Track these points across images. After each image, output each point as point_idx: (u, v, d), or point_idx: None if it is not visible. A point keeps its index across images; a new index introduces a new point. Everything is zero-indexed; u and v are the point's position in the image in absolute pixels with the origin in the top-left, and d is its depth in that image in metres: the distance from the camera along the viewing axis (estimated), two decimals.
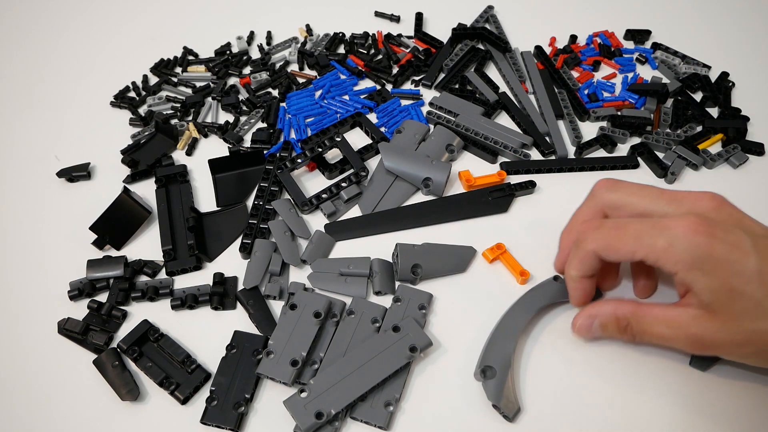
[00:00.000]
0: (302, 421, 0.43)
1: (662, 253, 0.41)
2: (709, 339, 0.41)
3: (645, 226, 0.42)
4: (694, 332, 0.42)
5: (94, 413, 0.47)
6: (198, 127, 0.67)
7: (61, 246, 0.58)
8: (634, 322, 0.44)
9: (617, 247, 0.43)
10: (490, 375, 0.45)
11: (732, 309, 0.40)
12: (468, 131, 0.64)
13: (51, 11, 0.85)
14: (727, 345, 0.41)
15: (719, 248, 0.40)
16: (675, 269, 0.41)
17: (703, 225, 0.41)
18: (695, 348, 0.43)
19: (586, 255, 0.45)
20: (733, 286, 0.40)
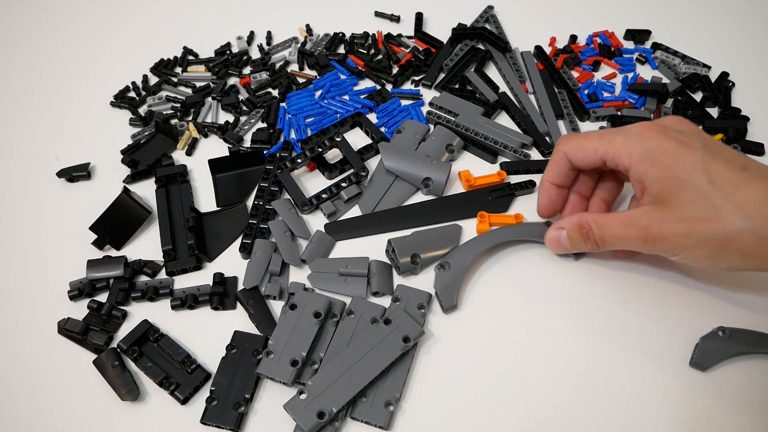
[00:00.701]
0: (304, 422, 0.43)
1: (619, 148, 0.46)
2: (656, 230, 0.43)
3: (609, 130, 0.48)
4: (644, 224, 0.44)
5: (94, 413, 0.47)
6: (198, 127, 0.67)
7: (61, 246, 0.58)
8: (595, 227, 0.47)
9: (583, 145, 0.48)
10: (446, 269, 0.52)
11: (677, 198, 0.43)
12: (468, 131, 0.64)
13: (51, 11, 0.85)
14: (672, 236, 0.43)
15: (669, 143, 0.44)
16: (629, 162, 0.45)
17: (658, 126, 0.45)
18: (646, 243, 0.44)
19: (557, 156, 0.50)
20: (678, 175, 0.43)
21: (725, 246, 0.42)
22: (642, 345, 0.49)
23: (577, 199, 0.54)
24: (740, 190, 0.41)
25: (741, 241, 0.41)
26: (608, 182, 0.53)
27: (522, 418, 0.46)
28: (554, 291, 0.52)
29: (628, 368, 0.48)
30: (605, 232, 0.47)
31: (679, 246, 0.43)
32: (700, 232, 0.42)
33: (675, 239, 0.43)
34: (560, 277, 0.53)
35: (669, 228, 0.43)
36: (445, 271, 0.52)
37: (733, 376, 0.47)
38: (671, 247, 0.44)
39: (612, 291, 0.52)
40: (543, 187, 0.53)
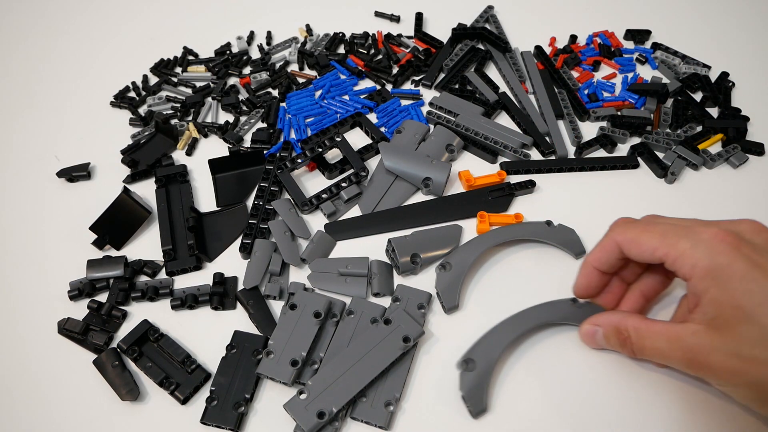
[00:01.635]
0: (304, 422, 0.43)
1: (682, 254, 0.40)
2: (704, 357, 0.38)
3: (674, 228, 0.41)
4: (690, 346, 0.39)
5: (94, 413, 0.47)
6: (198, 127, 0.67)
7: (61, 246, 0.58)
8: (634, 335, 0.43)
9: (641, 241, 0.42)
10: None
11: (736, 330, 0.37)
12: (468, 131, 0.64)
13: (51, 11, 0.85)
14: (721, 369, 0.38)
15: (741, 263, 0.38)
16: (690, 273, 0.39)
17: (732, 237, 0.39)
18: (689, 365, 0.40)
19: (608, 243, 0.45)
20: (742, 304, 0.37)
21: None
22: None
23: (617, 284, 0.49)
24: None
25: None
26: (656, 275, 0.48)
27: (521, 417, 0.46)
28: (555, 290, 0.52)
29: (632, 368, 0.48)
30: (646, 344, 0.42)
31: (725, 381, 0.39)
32: (754, 374, 0.37)
33: (723, 373, 0.38)
34: (562, 277, 0.53)
35: (719, 359, 0.38)
36: (447, 271, 0.52)
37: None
38: (717, 379, 0.39)
39: None
40: (585, 269, 0.47)
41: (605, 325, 0.45)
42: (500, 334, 0.47)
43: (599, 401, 0.46)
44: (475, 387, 0.45)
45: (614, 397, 0.46)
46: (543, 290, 0.52)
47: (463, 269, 0.52)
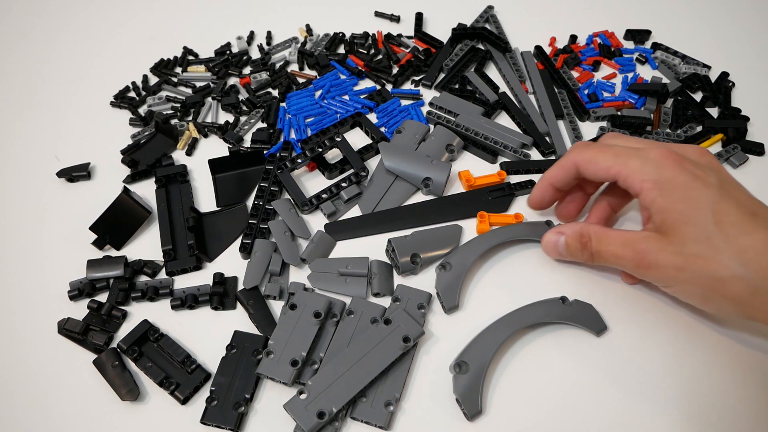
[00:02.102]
0: (304, 422, 0.43)
1: (632, 171, 0.45)
2: (653, 257, 0.43)
3: (626, 149, 0.46)
4: (641, 248, 0.44)
5: (94, 413, 0.47)
6: (198, 127, 0.67)
7: (61, 246, 0.58)
8: (594, 239, 0.47)
9: (596, 160, 0.47)
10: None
11: (680, 231, 0.42)
12: (468, 131, 0.64)
13: (51, 11, 0.85)
14: (667, 266, 0.43)
15: (684, 176, 0.43)
16: (640, 188, 0.44)
17: (677, 156, 0.44)
18: (639, 267, 0.44)
19: (567, 163, 0.49)
20: (685, 210, 0.42)
21: (717, 289, 0.41)
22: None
23: (579, 195, 0.54)
24: (743, 236, 0.41)
25: (733, 287, 0.41)
26: (620, 191, 0.52)
27: (517, 417, 0.46)
28: (555, 291, 0.52)
29: (631, 357, 0.48)
30: (602, 247, 0.47)
31: (671, 278, 0.43)
32: (695, 269, 0.42)
33: (669, 270, 0.43)
34: (561, 277, 0.53)
35: (665, 258, 0.43)
36: (447, 271, 0.52)
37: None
38: (664, 278, 0.44)
39: (614, 294, 0.52)
40: (541, 184, 0.53)
41: (569, 233, 0.49)
42: (491, 336, 0.48)
43: (593, 399, 0.46)
44: (469, 389, 0.45)
45: (608, 394, 0.47)
46: (544, 290, 0.52)
47: (463, 269, 0.52)
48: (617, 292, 0.52)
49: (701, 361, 0.48)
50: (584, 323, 0.49)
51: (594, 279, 0.53)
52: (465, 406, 0.45)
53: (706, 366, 0.48)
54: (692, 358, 0.48)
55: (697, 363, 0.48)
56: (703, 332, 0.50)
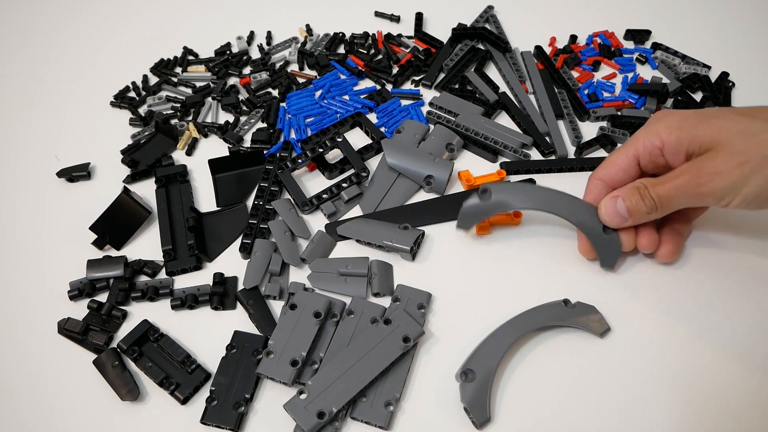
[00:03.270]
0: (304, 422, 0.43)
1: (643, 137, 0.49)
2: (709, 168, 0.44)
3: None
4: (695, 168, 0.45)
5: (94, 413, 0.47)
6: (198, 127, 0.67)
7: (61, 246, 0.58)
8: (650, 185, 0.47)
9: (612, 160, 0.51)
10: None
11: (721, 139, 0.44)
12: (468, 131, 0.64)
13: (51, 11, 0.85)
14: (727, 169, 0.43)
15: (687, 112, 0.48)
16: (660, 141, 0.47)
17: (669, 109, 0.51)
18: (700, 184, 0.44)
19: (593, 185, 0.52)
20: (711, 123, 0.45)
21: None
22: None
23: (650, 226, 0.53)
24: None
25: None
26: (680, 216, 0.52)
27: (526, 423, 0.46)
28: (557, 294, 0.52)
29: (636, 358, 0.48)
30: (660, 188, 0.47)
31: (737, 179, 0.43)
32: (756, 154, 0.42)
33: (731, 174, 0.43)
34: (563, 280, 0.53)
35: (722, 163, 0.43)
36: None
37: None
38: (729, 184, 0.43)
39: (616, 295, 0.52)
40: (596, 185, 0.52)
41: (624, 192, 0.49)
42: (496, 342, 0.47)
43: (601, 402, 0.46)
44: (477, 397, 0.45)
45: (615, 396, 0.47)
46: (546, 293, 0.52)
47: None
48: (619, 294, 0.52)
49: (705, 361, 0.48)
50: (588, 325, 0.49)
51: (596, 280, 0.53)
52: (474, 415, 0.45)
53: (710, 365, 0.48)
54: (696, 358, 0.48)
55: (701, 362, 0.48)
56: (706, 332, 0.50)
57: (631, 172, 0.50)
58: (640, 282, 0.53)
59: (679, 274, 0.53)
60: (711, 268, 0.54)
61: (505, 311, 0.50)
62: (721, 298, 0.52)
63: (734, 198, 0.44)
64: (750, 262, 0.54)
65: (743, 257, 0.54)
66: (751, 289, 0.52)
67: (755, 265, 0.54)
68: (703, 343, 0.49)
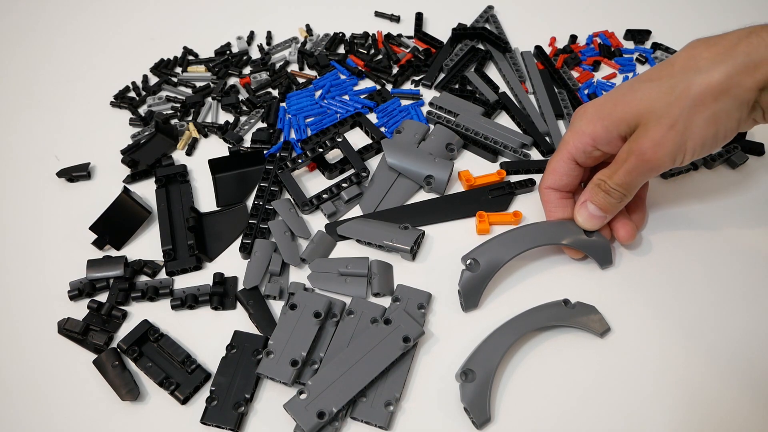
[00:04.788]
0: (304, 422, 0.43)
1: (572, 138, 0.50)
2: (648, 144, 0.44)
3: None
4: (635, 147, 0.45)
5: (94, 413, 0.47)
6: (198, 127, 0.67)
7: (61, 246, 0.57)
8: (607, 178, 0.48)
9: (553, 167, 0.52)
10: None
11: (642, 114, 0.45)
12: (468, 131, 0.64)
13: (51, 11, 0.85)
14: (663, 137, 0.44)
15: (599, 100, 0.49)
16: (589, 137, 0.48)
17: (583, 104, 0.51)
18: (649, 160, 0.45)
19: (546, 196, 0.53)
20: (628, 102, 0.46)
21: (723, 91, 0.42)
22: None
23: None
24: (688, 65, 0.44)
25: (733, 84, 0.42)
26: None
27: (526, 423, 0.46)
28: (557, 294, 0.52)
29: (636, 358, 0.48)
30: (617, 178, 0.48)
31: (676, 139, 0.44)
32: (680, 110, 0.43)
33: (668, 138, 0.44)
34: (563, 280, 0.53)
35: (656, 133, 0.44)
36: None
37: None
38: (673, 147, 0.44)
39: (616, 295, 0.52)
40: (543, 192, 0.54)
41: (587, 194, 0.50)
42: (496, 342, 0.47)
43: (600, 402, 0.46)
44: (477, 397, 0.45)
45: (615, 396, 0.47)
46: (546, 293, 0.52)
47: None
48: (619, 294, 0.52)
49: (706, 361, 0.48)
50: (588, 325, 0.49)
51: (596, 280, 0.53)
52: (474, 415, 0.45)
53: (710, 365, 0.48)
54: (695, 358, 0.48)
55: (702, 362, 0.48)
56: (706, 332, 0.50)
57: (574, 173, 0.52)
58: (640, 282, 0.53)
59: (680, 274, 0.53)
60: (711, 269, 0.54)
61: (505, 311, 0.50)
62: (722, 298, 0.52)
63: (684, 155, 0.45)
64: (750, 263, 0.54)
65: (744, 258, 0.54)
66: (752, 289, 0.52)
67: (755, 266, 0.54)
68: (703, 343, 0.49)
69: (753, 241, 0.55)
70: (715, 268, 0.54)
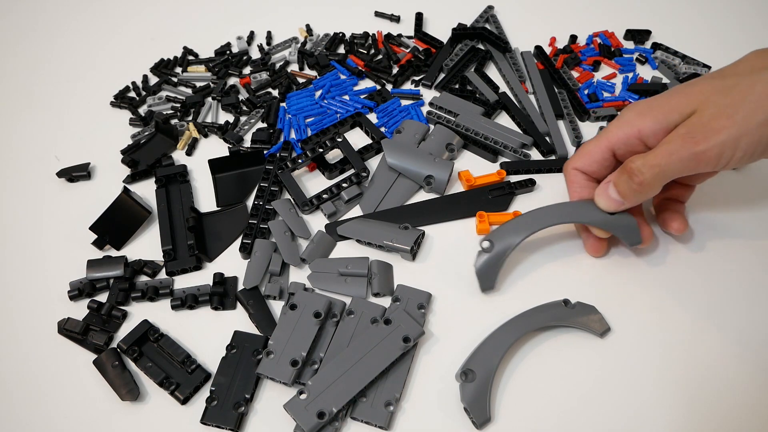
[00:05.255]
0: (304, 422, 0.43)
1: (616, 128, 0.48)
2: (700, 129, 0.42)
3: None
4: (684, 131, 0.43)
5: (94, 413, 0.47)
6: (198, 127, 0.67)
7: (61, 246, 0.58)
8: (639, 165, 0.45)
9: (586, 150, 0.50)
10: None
11: (701, 102, 0.43)
12: (468, 131, 0.64)
13: (51, 11, 0.85)
14: (720, 126, 0.42)
15: (653, 96, 0.47)
16: (636, 128, 0.46)
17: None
18: (696, 144, 0.42)
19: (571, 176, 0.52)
20: (686, 93, 0.44)
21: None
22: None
23: None
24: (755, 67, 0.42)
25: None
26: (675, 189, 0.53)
27: (530, 422, 0.46)
28: (557, 294, 0.52)
29: (636, 358, 0.48)
30: (652, 158, 0.44)
31: (732, 130, 0.41)
32: (741, 103, 0.41)
33: (723, 124, 0.41)
34: (563, 280, 0.53)
35: (711, 119, 0.42)
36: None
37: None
38: (725, 137, 0.41)
39: (616, 295, 0.52)
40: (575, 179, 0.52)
41: (613, 176, 0.48)
42: (496, 342, 0.47)
43: (601, 402, 0.46)
44: (477, 397, 0.45)
45: (615, 396, 0.47)
46: (546, 293, 0.52)
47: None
48: (619, 294, 0.52)
49: (706, 361, 0.48)
50: (588, 325, 0.49)
51: (596, 280, 0.53)
52: (474, 415, 0.45)
53: (711, 365, 0.48)
54: (696, 358, 0.48)
55: (702, 362, 0.48)
56: (707, 332, 0.50)
57: (607, 163, 0.50)
58: (640, 282, 0.53)
59: (680, 274, 0.53)
60: (711, 269, 0.54)
61: (505, 311, 0.50)
62: (722, 298, 0.52)
63: (735, 152, 0.42)
64: (751, 264, 0.54)
65: (744, 258, 0.54)
66: (753, 289, 0.52)
67: (756, 264, 0.54)
68: (703, 343, 0.49)
69: (754, 240, 0.55)
70: (715, 267, 0.54)
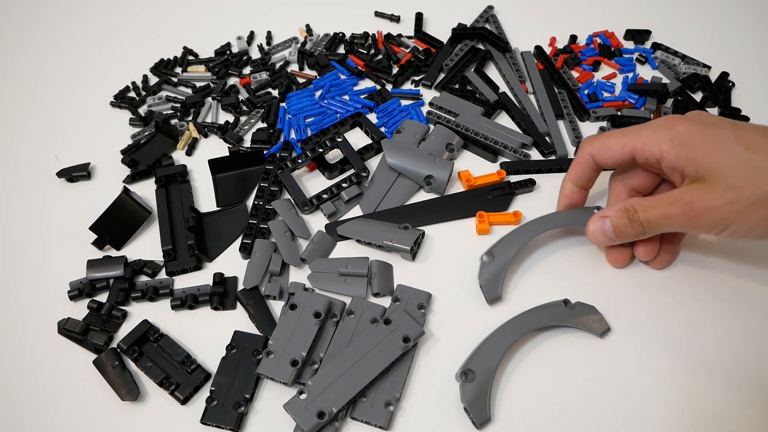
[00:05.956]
0: (304, 422, 0.43)
1: (646, 140, 0.46)
2: (702, 203, 0.43)
3: (632, 127, 0.48)
4: (687, 200, 0.43)
5: (94, 413, 0.47)
6: (198, 127, 0.67)
7: (61, 246, 0.58)
8: (640, 209, 0.46)
9: (608, 143, 0.48)
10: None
11: (717, 170, 0.43)
12: (468, 131, 0.64)
13: (51, 11, 0.85)
14: (719, 207, 0.42)
15: (695, 126, 0.45)
16: (659, 151, 0.45)
17: (679, 116, 0.46)
18: (691, 218, 0.44)
19: (582, 158, 0.50)
20: (713, 149, 0.43)
21: None
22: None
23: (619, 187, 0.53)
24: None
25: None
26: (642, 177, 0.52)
27: (529, 422, 0.46)
28: (557, 294, 0.52)
29: (636, 358, 0.48)
30: (650, 213, 0.45)
31: (728, 216, 0.42)
32: (750, 195, 0.41)
33: (723, 209, 0.42)
34: (563, 280, 0.53)
35: (715, 199, 0.42)
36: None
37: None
38: (720, 219, 0.43)
39: (617, 295, 0.52)
40: (564, 189, 0.53)
41: (612, 213, 0.48)
42: (496, 342, 0.47)
43: (601, 402, 0.46)
44: (477, 397, 0.45)
45: (615, 396, 0.47)
46: (546, 293, 0.52)
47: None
48: (619, 294, 0.52)
49: (705, 361, 0.48)
50: (588, 325, 0.49)
51: (595, 280, 0.53)
52: (474, 415, 0.45)
53: (710, 366, 0.48)
54: (695, 359, 0.48)
55: (701, 363, 0.48)
56: (706, 332, 0.50)
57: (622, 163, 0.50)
58: (640, 282, 0.53)
59: (680, 274, 0.53)
60: (711, 269, 0.54)
61: (505, 311, 0.50)
62: (721, 299, 0.52)
63: (724, 231, 0.44)
64: (751, 264, 0.54)
65: (744, 258, 0.54)
66: (752, 291, 0.52)
67: (755, 268, 0.54)
68: (702, 343, 0.49)
69: (752, 246, 0.55)
70: (715, 268, 0.54)
